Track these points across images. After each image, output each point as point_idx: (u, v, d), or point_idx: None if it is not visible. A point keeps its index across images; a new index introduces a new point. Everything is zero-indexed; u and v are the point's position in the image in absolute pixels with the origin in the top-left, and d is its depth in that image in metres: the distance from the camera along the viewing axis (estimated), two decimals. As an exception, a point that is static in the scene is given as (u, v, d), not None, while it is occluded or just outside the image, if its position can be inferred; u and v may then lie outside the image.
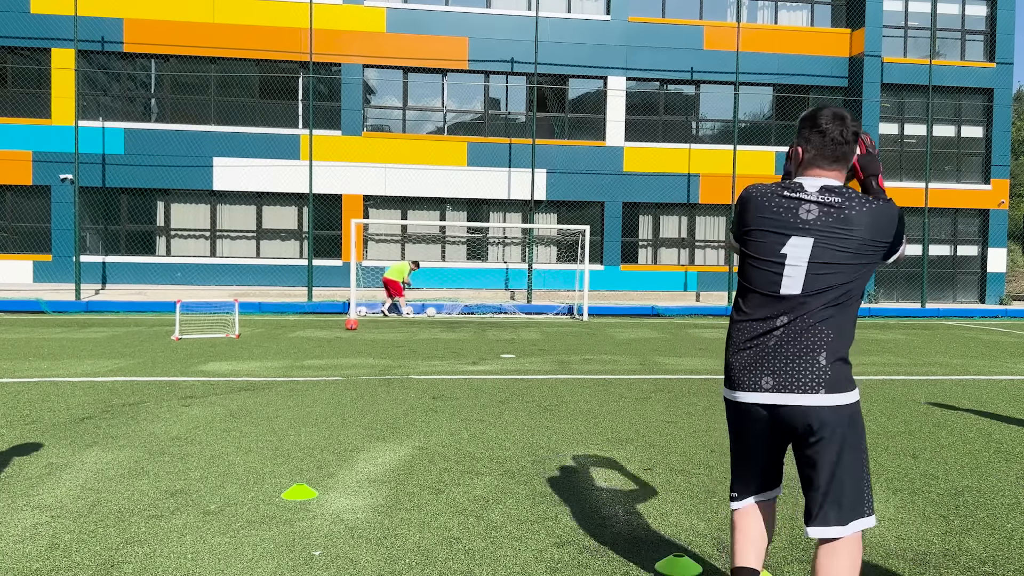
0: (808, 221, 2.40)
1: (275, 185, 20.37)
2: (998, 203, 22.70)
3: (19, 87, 19.78)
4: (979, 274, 23.12)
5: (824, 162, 2.49)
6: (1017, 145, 38.32)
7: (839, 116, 2.48)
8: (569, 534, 3.65)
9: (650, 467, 4.84)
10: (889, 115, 22.56)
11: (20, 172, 19.52)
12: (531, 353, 10.69)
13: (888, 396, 7.63)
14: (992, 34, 22.58)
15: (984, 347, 12.49)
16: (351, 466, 4.75)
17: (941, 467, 4.95)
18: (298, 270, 20.52)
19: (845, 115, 2.49)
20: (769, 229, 2.45)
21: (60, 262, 19.61)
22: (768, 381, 2.42)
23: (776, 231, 2.44)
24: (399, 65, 20.80)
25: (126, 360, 9.32)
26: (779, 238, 2.43)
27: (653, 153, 21.54)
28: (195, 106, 20.39)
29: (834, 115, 2.48)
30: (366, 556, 3.35)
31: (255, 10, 20.07)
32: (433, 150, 20.89)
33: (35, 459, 4.81)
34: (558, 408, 6.74)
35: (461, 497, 4.18)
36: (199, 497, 4.11)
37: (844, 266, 2.37)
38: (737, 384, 2.50)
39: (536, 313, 18.41)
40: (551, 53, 20.98)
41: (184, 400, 6.85)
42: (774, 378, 2.41)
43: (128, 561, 3.26)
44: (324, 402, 6.84)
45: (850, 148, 2.50)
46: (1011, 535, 3.73)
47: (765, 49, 21.86)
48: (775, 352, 2.41)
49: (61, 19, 19.19)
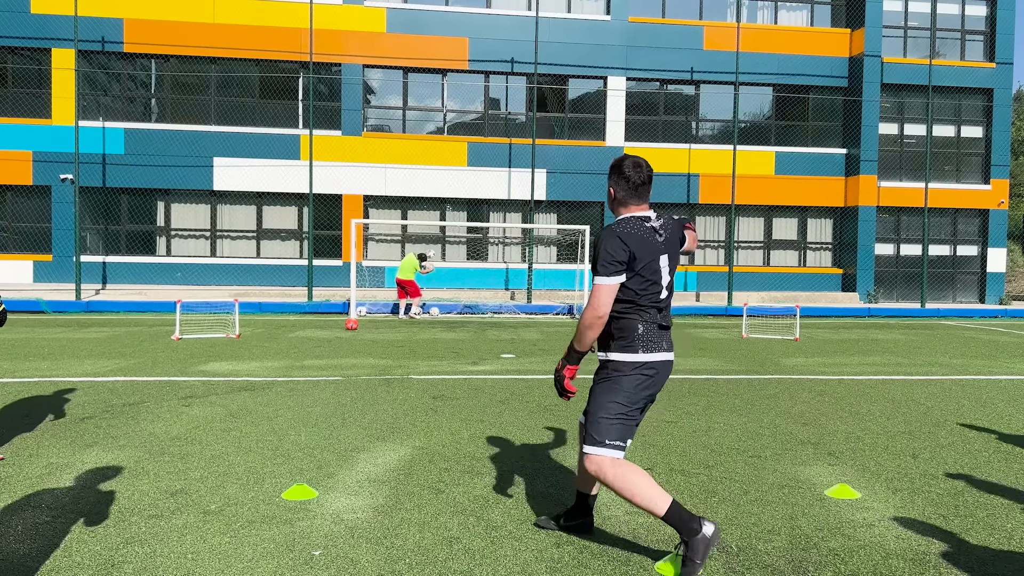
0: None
1: (275, 185, 20.37)
2: (998, 203, 22.70)
3: (19, 87, 19.78)
4: (979, 274, 23.11)
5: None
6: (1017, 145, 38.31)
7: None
8: (569, 534, 3.65)
9: (650, 467, 4.84)
10: (889, 115, 22.56)
11: (20, 172, 19.53)
12: (531, 353, 10.69)
13: (888, 396, 7.63)
14: (992, 34, 22.58)
15: (984, 347, 12.49)
16: (351, 466, 4.76)
17: (941, 467, 4.95)
18: (298, 270, 20.53)
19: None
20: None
21: (60, 262, 19.62)
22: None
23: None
24: (399, 65, 20.80)
25: (126, 360, 9.32)
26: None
27: (653, 153, 21.54)
28: (195, 106, 20.39)
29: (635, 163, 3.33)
30: (366, 556, 3.35)
31: (255, 10, 20.07)
32: (433, 150, 20.89)
33: (35, 459, 4.81)
34: (558, 408, 6.74)
35: (461, 497, 4.18)
36: (199, 497, 4.11)
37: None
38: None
39: (536, 313, 18.42)
40: (551, 53, 20.98)
41: (184, 400, 6.85)
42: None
43: (128, 561, 3.26)
44: (324, 402, 6.84)
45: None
46: (1011, 535, 3.73)
47: (765, 49, 21.86)
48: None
49: (61, 19, 19.20)
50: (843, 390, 7.97)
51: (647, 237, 3.25)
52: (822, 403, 7.18)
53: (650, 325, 3.29)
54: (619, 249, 3.19)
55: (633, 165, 3.30)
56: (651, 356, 3.28)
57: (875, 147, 21.87)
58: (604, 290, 3.19)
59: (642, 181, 3.30)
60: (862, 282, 22.02)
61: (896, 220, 22.70)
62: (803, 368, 9.62)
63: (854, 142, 22.11)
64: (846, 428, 6.09)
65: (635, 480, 3.21)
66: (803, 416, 6.54)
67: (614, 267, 3.19)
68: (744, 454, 5.21)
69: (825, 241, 22.91)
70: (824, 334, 14.42)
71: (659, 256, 3.28)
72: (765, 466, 4.90)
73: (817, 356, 10.90)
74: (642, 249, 3.22)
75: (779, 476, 4.67)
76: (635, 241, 3.21)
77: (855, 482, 4.55)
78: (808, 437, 5.75)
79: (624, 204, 3.35)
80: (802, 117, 22.52)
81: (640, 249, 3.22)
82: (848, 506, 4.11)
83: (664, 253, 3.30)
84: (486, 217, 21.52)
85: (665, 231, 3.33)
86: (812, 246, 22.87)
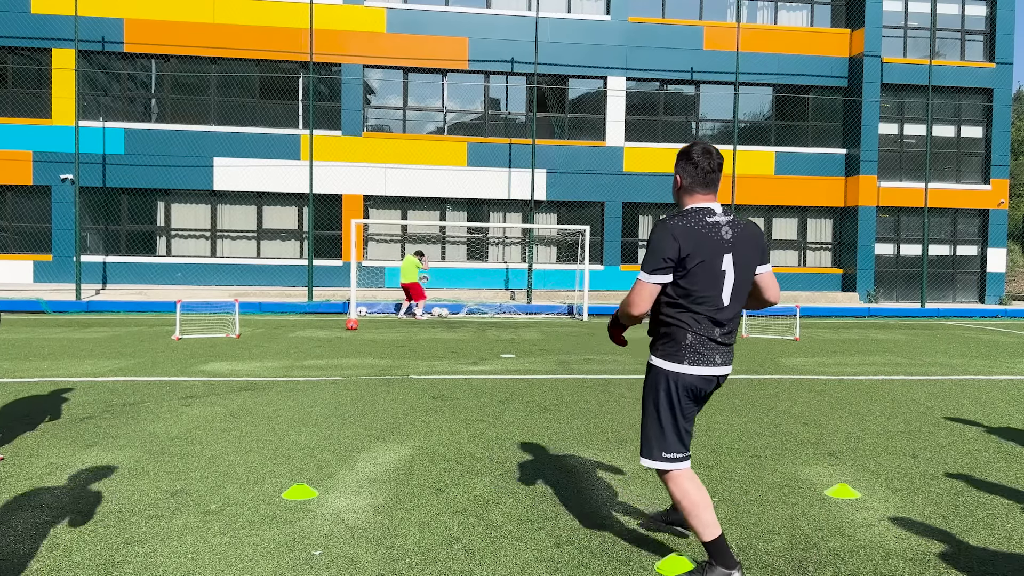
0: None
1: (275, 185, 20.37)
2: (998, 203, 22.69)
3: (20, 87, 19.78)
4: (979, 274, 23.11)
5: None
6: (1017, 145, 38.31)
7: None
8: (569, 534, 3.65)
9: (650, 467, 4.84)
10: (889, 115, 22.55)
11: (21, 172, 19.52)
12: (531, 353, 10.69)
13: (888, 396, 7.63)
14: (992, 34, 22.58)
15: (984, 347, 12.49)
16: (351, 466, 4.76)
17: (941, 467, 4.95)
18: (298, 270, 20.53)
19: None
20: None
21: (60, 262, 19.62)
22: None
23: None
24: (399, 65, 20.80)
25: (126, 360, 9.32)
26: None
27: (653, 153, 21.55)
28: (195, 106, 20.39)
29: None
30: (366, 556, 3.35)
31: (255, 10, 20.07)
32: (433, 150, 20.89)
33: (35, 459, 4.81)
34: (558, 408, 6.74)
35: (461, 497, 4.18)
36: (199, 497, 4.11)
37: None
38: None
39: (536, 313, 18.42)
40: (551, 53, 20.98)
41: (184, 400, 6.85)
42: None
43: (128, 561, 3.26)
44: (324, 402, 6.84)
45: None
46: (1011, 535, 3.73)
47: (765, 49, 21.86)
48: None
49: (61, 19, 19.19)
50: (843, 390, 7.96)
51: (707, 232, 2.93)
52: (822, 403, 7.18)
53: (700, 337, 2.96)
54: (668, 244, 2.89)
55: (703, 151, 3.04)
56: (698, 370, 2.97)
57: (875, 147, 21.86)
58: (644, 288, 2.94)
59: (712, 168, 3.03)
60: (862, 282, 22.02)
61: (896, 220, 22.70)
62: (803, 368, 9.62)
63: (854, 142, 22.11)
64: (846, 428, 6.09)
65: (694, 501, 3.03)
66: (803, 416, 6.54)
67: (659, 264, 2.90)
68: (744, 454, 5.20)
69: (825, 241, 22.91)
70: (824, 334, 14.42)
71: (721, 256, 2.93)
72: (765, 466, 4.90)
73: (817, 356, 10.90)
74: (698, 246, 2.90)
75: (779, 476, 4.67)
76: (690, 236, 2.91)
77: (855, 482, 4.55)
78: (808, 437, 5.75)
79: (690, 193, 3.07)
80: (802, 117, 22.52)
81: (695, 246, 2.90)
82: (848, 506, 4.11)
83: (728, 253, 2.95)
84: (486, 217, 21.52)
85: (734, 229, 2.99)
86: (812, 246, 22.87)
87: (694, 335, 2.96)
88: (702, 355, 2.97)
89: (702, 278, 2.92)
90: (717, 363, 3.00)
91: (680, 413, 3.03)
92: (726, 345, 3.02)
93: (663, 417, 3.03)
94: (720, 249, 2.94)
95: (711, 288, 2.93)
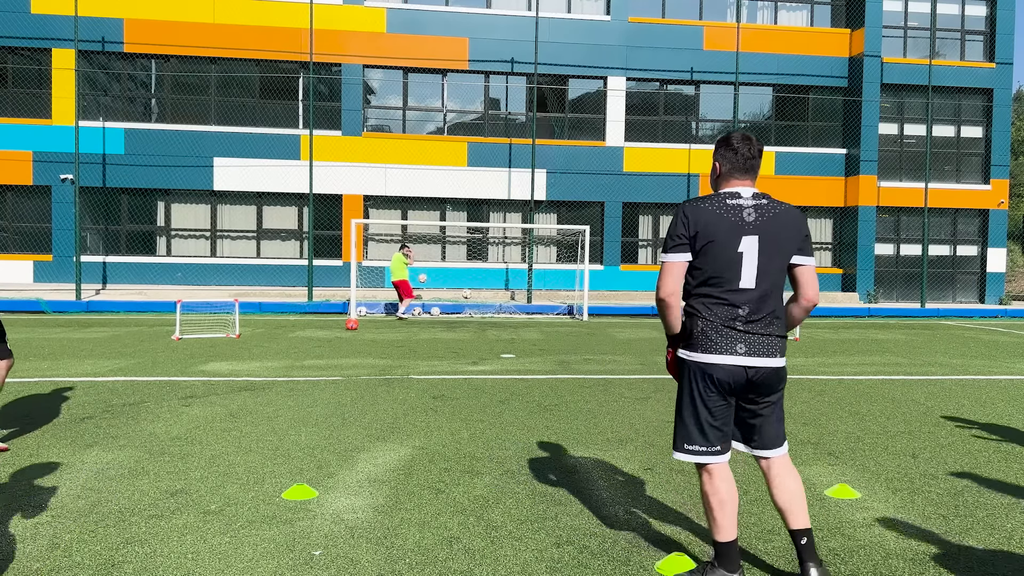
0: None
1: (275, 185, 20.37)
2: (998, 203, 22.69)
3: (19, 87, 19.77)
4: (979, 274, 23.11)
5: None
6: (1017, 145, 38.31)
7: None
8: (569, 534, 3.65)
9: (650, 467, 4.84)
10: (889, 115, 22.55)
11: (20, 172, 19.52)
12: (531, 353, 10.69)
13: (888, 396, 7.63)
14: (992, 34, 22.58)
15: (984, 347, 12.49)
16: (351, 466, 4.76)
17: (941, 467, 4.95)
18: (298, 270, 20.53)
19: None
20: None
21: (60, 262, 19.62)
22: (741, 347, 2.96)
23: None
24: (399, 65, 20.80)
25: (126, 360, 9.32)
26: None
27: (653, 153, 21.55)
28: (195, 106, 20.39)
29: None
30: (366, 556, 3.35)
31: (255, 10, 20.07)
32: (433, 150, 20.89)
33: (35, 459, 4.81)
34: (558, 408, 6.74)
35: (461, 497, 4.18)
36: (199, 497, 4.11)
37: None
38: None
39: (536, 313, 18.41)
40: (551, 53, 20.98)
41: (184, 400, 6.85)
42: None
43: (128, 561, 3.26)
44: (324, 402, 6.84)
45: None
46: (1011, 535, 3.73)
47: (765, 49, 21.86)
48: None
49: (61, 19, 19.19)
50: (843, 390, 7.96)
51: (722, 213, 2.89)
52: (822, 403, 7.18)
53: (713, 324, 2.90)
54: (679, 221, 2.91)
55: (743, 137, 3.02)
56: (713, 358, 2.90)
57: (875, 147, 21.86)
58: (668, 267, 2.92)
59: (752, 155, 3.01)
60: (862, 282, 22.02)
61: (896, 220, 22.70)
62: (803, 368, 9.62)
63: (854, 142, 22.11)
64: (846, 428, 6.09)
65: (721, 499, 2.97)
66: (803, 416, 6.54)
67: (673, 241, 2.91)
68: (744, 454, 5.20)
69: (825, 241, 22.91)
70: (824, 334, 14.42)
71: (738, 237, 2.87)
72: (765, 466, 4.89)
73: (817, 356, 10.90)
74: (711, 226, 2.87)
75: (779, 476, 4.66)
76: (702, 215, 2.88)
77: (855, 482, 4.55)
78: (808, 437, 5.75)
79: (727, 179, 3.03)
80: (802, 117, 22.52)
81: (707, 225, 2.87)
82: (848, 506, 4.11)
83: (748, 235, 2.88)
84: (486, 217, 21.52)
85: (761, 213, 2.93)
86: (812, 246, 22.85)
87: (705, 321, 2.92)
88: (716, 343, 2.89)
89: (712, 259, 2.88)
90: (740, 352, 2.88)
91: (702, 404, 2.95)
92: (751, 334, 2.90)
93: (684, 408, 3.02)
94: (737, 230, 2.88)
95: (726, 270, 2.88)
